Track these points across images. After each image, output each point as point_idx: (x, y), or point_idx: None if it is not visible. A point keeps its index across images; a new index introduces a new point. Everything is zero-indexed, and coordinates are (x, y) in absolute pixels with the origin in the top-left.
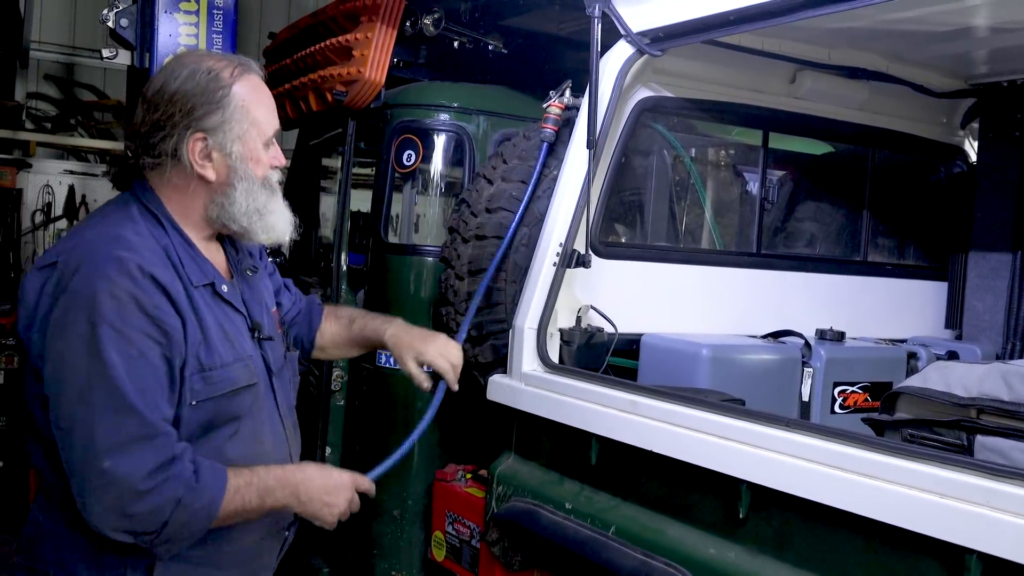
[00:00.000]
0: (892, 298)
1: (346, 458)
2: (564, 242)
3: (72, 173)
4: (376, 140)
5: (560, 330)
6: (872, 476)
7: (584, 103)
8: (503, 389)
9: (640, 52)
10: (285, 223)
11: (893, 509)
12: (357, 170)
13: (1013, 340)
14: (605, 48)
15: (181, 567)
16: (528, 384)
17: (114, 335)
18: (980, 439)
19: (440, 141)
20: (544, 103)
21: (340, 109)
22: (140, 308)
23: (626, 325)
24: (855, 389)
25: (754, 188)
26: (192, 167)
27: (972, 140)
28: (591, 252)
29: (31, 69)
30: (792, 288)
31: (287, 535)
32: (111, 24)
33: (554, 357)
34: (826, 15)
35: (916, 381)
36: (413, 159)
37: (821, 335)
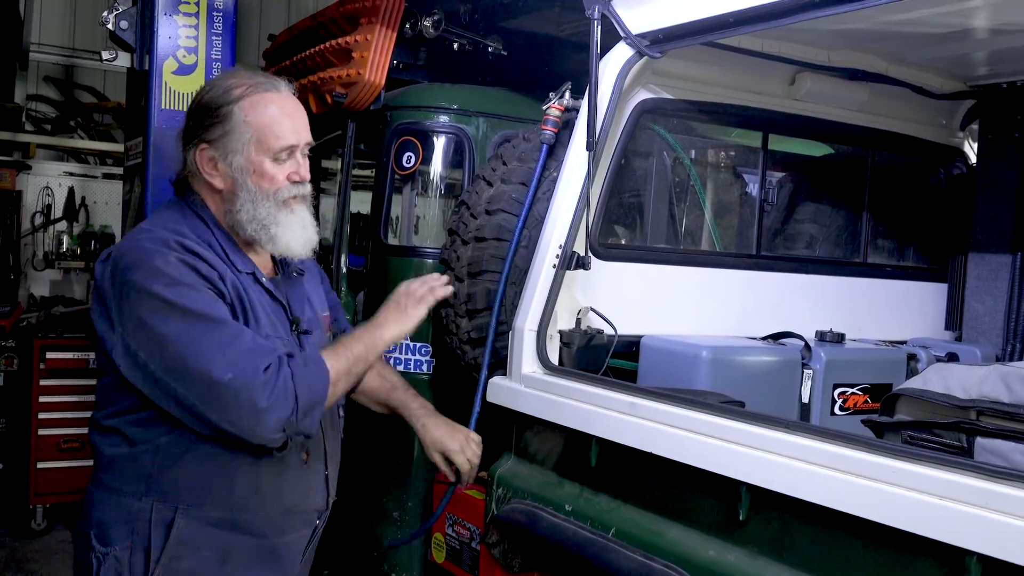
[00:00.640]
0: (892, 300)
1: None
2: (564, 244)
3: (72, 175)
4: (376, 142)
5: (560, 332)
6: (872, 478)
7: (584, 105)
8: (503, 391)
9: (640, 54)
10: (297, 239)
11: (893, 511)
12: (357, 172)
13: (1013, 342)
14: (605, 50)
15: (201, 527)
16: (528, 386)
17: (183, 288)
18: (980, 441)
19: (440, 143)
20: (544, 105)
21: (340, 111)
22: (193, 270)
23: (626, 327)
24: (855, 391)
25: (754, 190)
26: (202, 175)
27: (972, 142)
28: (591, 254)
29: (31, 71)
30: (792, 290)
31: (317, 523)
32: (111, 26)
33: (554, 359)
34: (825, 17)
35: (916, 383)
36: (413, 161)
37: (821, 337)
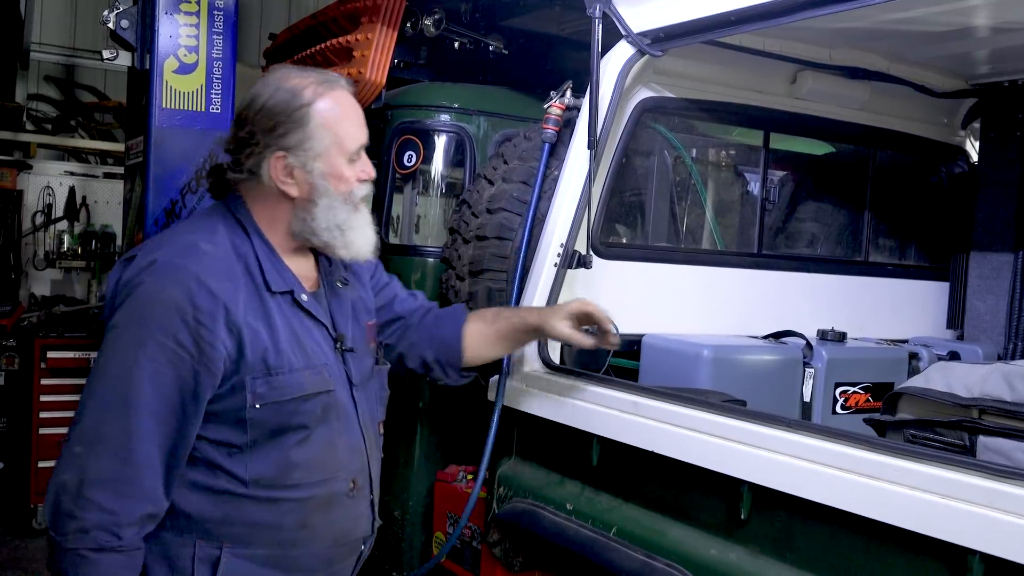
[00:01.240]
0: (893, 298)
1: None
2: (565, 243)
3: (73, 174)
4: (377, 141)
5: None
6: (874, 477)
7: (585, 104)
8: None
9: (641, 52)
10: (366, 240)
11: (895, 510)
12: None
13: (1015, 340)
14: (606, 49)
15: (249, 566)
16: (529, 385)
17: (150, 340)
18: (982, 439)
19: (441, 142)
20: (545, 104)
21: None
22: (182, 318)
23: (627, 326)
24: (856, 390)
25: (755, 188)
26: (275, 184)
27: (973, 140)
28: (592, 253)
29: (31, 71)
30: (793, 288)
31: (363, 549)
32: (111, 25)
33: (555, 358)
34: (827, 15)
35: (918, 382)
36: (414, 160)
37: (822, 336)
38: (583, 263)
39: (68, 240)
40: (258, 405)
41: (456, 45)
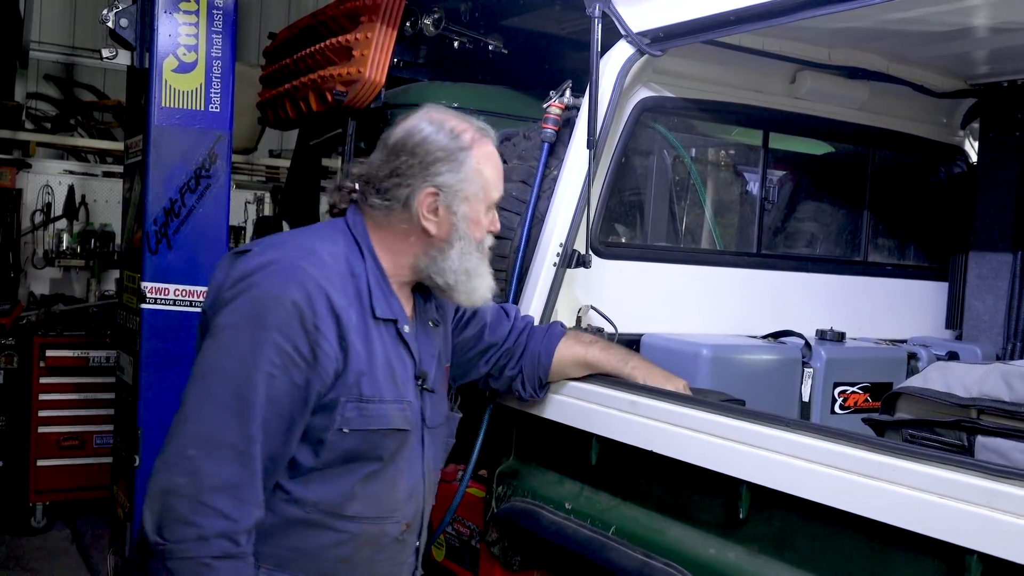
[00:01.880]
0: (892, 298)
1: None
2: (564, 242)
3: (72, 173)
4: (376, 140)
5: None
6: (872, 476)
7: (584, 103)
8: None
9: (640, 52)
10: (487, 288)
11: (893, 509)
12: None
13: (1013, 340)
14: (605, 48)
15: None
16: None
17: (268, 342)
18: (981, 439)
19: None
20: (544, 103)
21: (340, 109)
22: (301, 322)
23: (626, 325)
24: (855, 389)
25: (754, 188)
26: (418, 218)
27: (972, 140)
28: (591, 252)
29: (31, 69)
30: (792, 288)
31: None
32: (111, 24)
33: None
34: (826, 15)
35: (916, 381)
36: None
37: (821, 335)
38: (582, 263)
39: (67, 239)
40: (345, 430)
41: (455, 44)
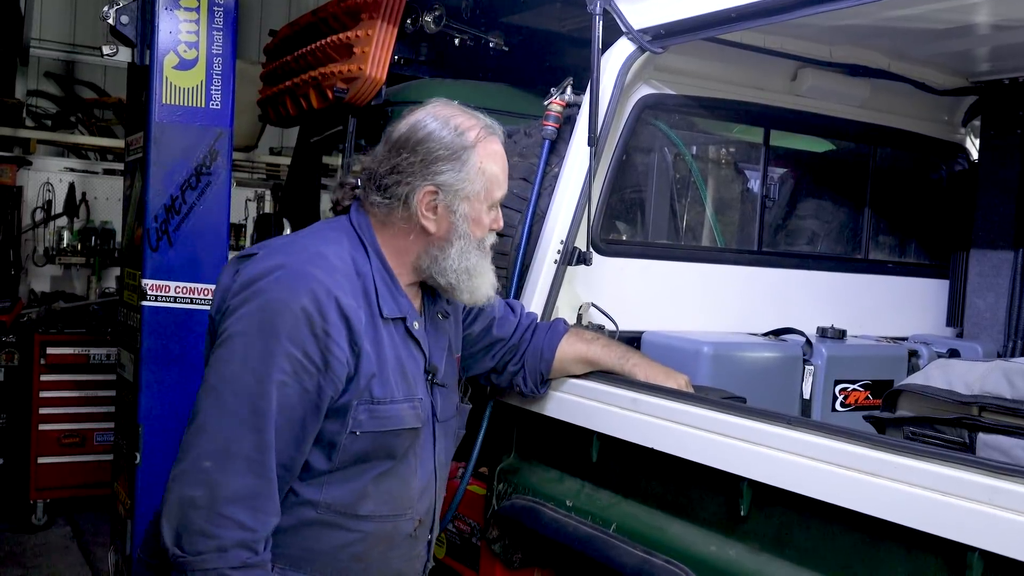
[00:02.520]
0: (893, 296)
1: None
2: (565, 239)
3: (72, 171)
4: (377, 137)
5: None
6: (874, 474)
7: (585, 100)
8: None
9: (641, 49)
10: (489, 287)
11: (895, 507)
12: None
13: (1015, 338)
14: (606, 45)
15: None
16: None
17: (279, 349)
18: (982, 437)
19: None
20: (545, 100)
21: (341, 106)
22: (311, 329)
23: (627, 323)
24: (856, 387)
25: (755, 186)
26: (417, 216)
27: (973, 138)
28: (592, 249)
29: (31, 67)
30: (793, 286)
31: None
32: (111, 21)
33: None
34: (827, 12)
35: (918, 379)
36: None
37: (822, 333)
38: (583, 260)
39: (68, 236)
40: (357, 432)
41: (456, 41)
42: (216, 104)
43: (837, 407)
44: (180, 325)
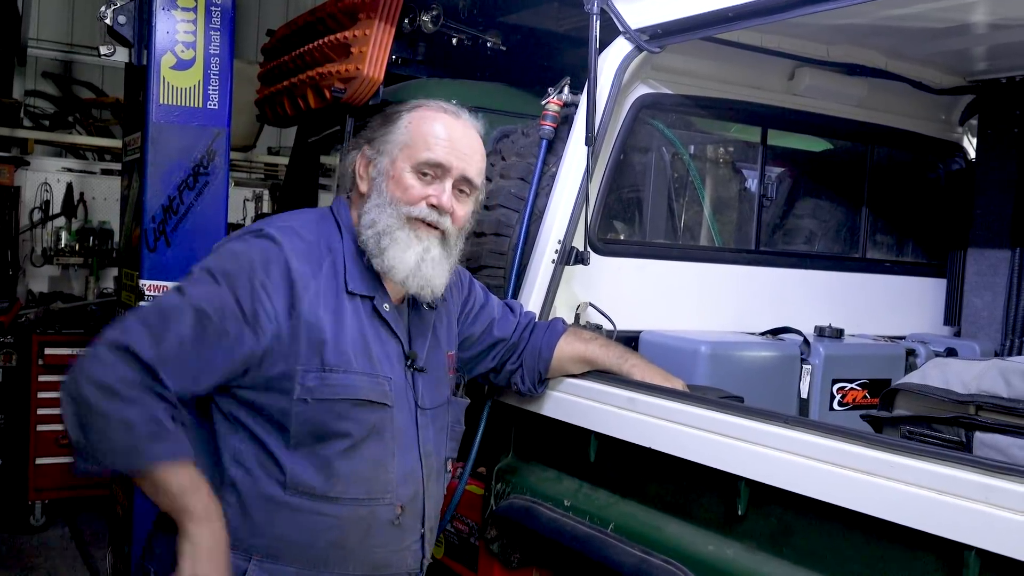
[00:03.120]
0: (891, 295)
1: None
2: (563, 239)
3: (70, 171)
4: None
5: None
6: (871, 473)
7: (583, 100)
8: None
9: (639, 49)
10: (405, 265)
11: (892, 505)
12: None
13: (1012, 337)
14: (604, 45)
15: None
16: None
17: (214, 280)
18: (979, 436)
19: None
20: (543, 100)
21: (338, 106)
22: (250, 278)
23: (625, 322)
24: (854, 386)
25: (753, 185)
26: (356, 180)
27: (971, 137)
28: (590, 249)
29: (29, 67)
30: (791, 285)
31: None
32: (109, 21)
33: None
34: (824, 12)
35: (915, 378)
36: None
37: (820, 332)
38: (581, 259)
39: (66, 236)
40: (308, 399)
41: (454, 41)
42: (214, 104)
43: (835, 406)
44: None
